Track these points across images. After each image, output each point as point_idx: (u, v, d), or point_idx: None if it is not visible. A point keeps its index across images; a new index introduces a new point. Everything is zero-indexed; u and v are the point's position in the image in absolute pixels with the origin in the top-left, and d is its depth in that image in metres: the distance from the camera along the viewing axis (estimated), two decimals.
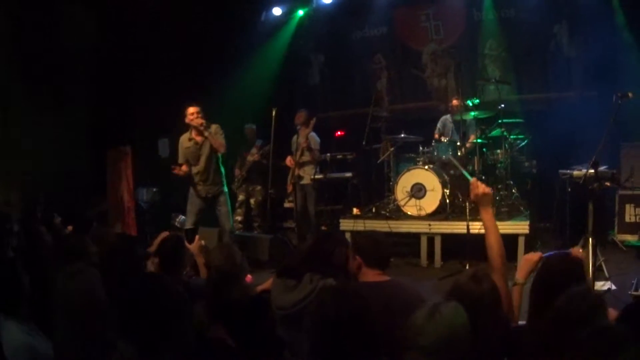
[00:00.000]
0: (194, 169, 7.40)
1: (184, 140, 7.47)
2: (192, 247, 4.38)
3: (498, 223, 7.31)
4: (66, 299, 2.61)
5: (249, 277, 5.02)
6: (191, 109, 7.29)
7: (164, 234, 4.33)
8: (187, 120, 7.32)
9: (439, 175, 7.85)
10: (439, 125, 8.97)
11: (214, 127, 7.34)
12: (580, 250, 3.46)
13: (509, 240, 6.95)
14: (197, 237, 4.42)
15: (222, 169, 7.54)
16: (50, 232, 5.70)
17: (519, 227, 7.17)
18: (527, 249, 7.20)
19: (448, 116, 8.91)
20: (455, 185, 8.09)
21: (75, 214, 7.20)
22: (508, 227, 7.14)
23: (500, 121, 8.10)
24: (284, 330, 3.22)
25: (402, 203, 7.93)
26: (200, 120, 7.22)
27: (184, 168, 7.36)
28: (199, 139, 7.35)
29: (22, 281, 3.08)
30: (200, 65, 10.16)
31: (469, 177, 3.74)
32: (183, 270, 4.13)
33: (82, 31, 9.53)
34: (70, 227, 6.32)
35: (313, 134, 8.60)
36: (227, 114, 10.64)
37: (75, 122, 9.54)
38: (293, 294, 3.30)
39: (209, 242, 5.88)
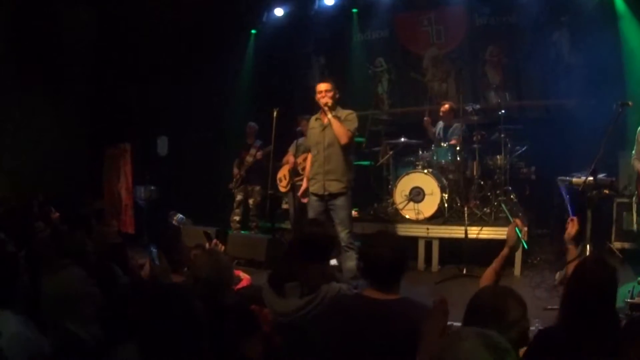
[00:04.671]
0: (312, 157, 6.39)
1: (312, 121, 6.51)
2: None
3: (495, 229, 7.40)
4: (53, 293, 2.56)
5: (247, 279, 5.00)
6: (321, 85, 6.24)
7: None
8: (316, 99, 6.25)
9: (438, 180, 7.86)
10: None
11: (346, 113, 6.23)
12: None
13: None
14: (214, 240, 4.36)
15: (353, 163, 6.46)
16: (48, 227, 5.70)
17: None
18: (524, 256, 7.21)
19: (440, 123, 8.89)
20: (454, 190, 8.12)
21: (72, 211, 7.19)
22: (506, 233, 7.13)
23: (500, 127, 8.11)
24: (286, 336, 3.15)
25: (400, 206, 7.94)
26: (326, 100, 6.12)
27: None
28: (325, 119, 6.23)
29: (21, 274, 3.09)
30: (201, 65, 10.15)
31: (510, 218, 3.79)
32: (182, 267, 4.09)
33: (81, 28, 9.54)
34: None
35: None
36: (227, 113, 10.71)
37: (74, 119, 9.55)
38: (293, 300, 3.19)
39: (194, 243, 5.84)
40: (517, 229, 3.34)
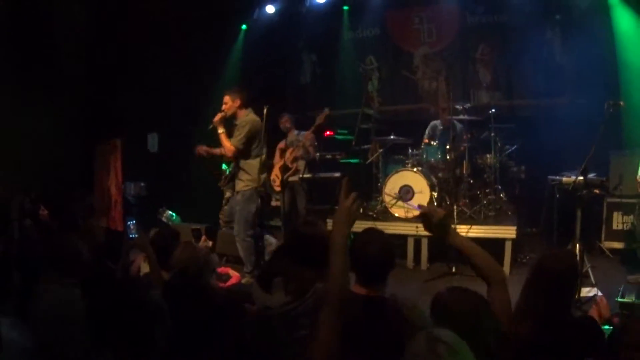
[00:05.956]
0: None
1: None
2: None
3: (486, 227, 7.41)
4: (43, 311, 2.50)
5: (237, 276, 4.97)
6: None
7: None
8: None
9: (427, 178, 7.85)
10: (428, 130, 8.96)
11: (240, 119, 6.87)
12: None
13: (496, 245, 6.99)
14: (203, 237, 4.35)
15: (253, 165, 6.90)
16: (36, 225, 5.64)
17: (506, 231, 7.17)
18: (514, 254, 7.22)
19: (437, 122, 8.91)
20: (444, 188, 8.11)
21: (62, 208, 7.12)
22: (495, 231, 7.17)
23: (490, 126, 8.11)
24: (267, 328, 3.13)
25: (389, 205, 7.92)
26: (219, 113, 6.84)
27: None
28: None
29: (12, 276, 3.06)
30: (192, 61, 10.09)
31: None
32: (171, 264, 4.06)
33: (72, 25, 9.46)
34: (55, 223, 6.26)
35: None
36: (217, 110, 10.64)
37: (64, 115, 9.47)
38: (278, 295, 3.14)
39: (183, 240, 5.82)
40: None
